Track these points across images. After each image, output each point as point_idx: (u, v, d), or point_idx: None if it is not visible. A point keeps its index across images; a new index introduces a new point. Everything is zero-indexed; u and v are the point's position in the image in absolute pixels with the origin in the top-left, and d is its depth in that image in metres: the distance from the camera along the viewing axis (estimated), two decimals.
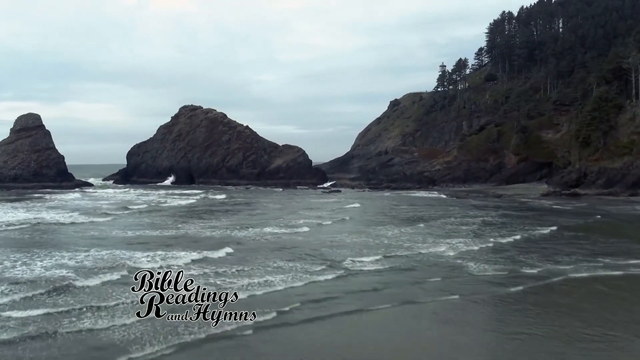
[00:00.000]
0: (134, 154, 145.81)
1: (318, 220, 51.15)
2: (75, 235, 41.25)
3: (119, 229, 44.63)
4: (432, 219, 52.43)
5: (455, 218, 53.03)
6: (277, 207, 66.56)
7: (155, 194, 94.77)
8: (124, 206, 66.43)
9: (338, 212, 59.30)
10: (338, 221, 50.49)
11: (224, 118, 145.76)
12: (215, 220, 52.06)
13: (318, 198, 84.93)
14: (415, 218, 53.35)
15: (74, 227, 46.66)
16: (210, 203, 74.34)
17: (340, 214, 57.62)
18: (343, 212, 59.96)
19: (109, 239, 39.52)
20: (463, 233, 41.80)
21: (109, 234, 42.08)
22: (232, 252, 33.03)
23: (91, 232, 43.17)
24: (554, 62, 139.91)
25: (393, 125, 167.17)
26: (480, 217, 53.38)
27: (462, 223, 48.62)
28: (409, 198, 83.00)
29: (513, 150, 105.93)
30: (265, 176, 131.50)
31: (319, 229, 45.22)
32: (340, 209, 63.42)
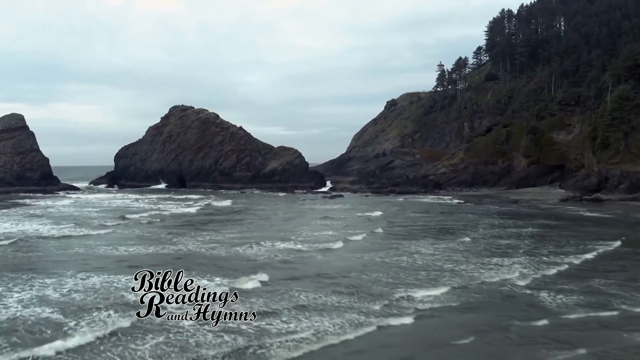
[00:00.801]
0: (122, 156, 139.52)
1: (342, 232, 45.50)
2: (62, 254, 35.32)
3: (114, 245, 38.66)
4: (459, 230, 47.01)
5: (485, 229, 47.68)
6: (288, 217, 60.54)
7: (149, 199, 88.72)
8: (120, 215, 60.23)
9: (358, 223, 53.66)
10: (367, 234, 44.38)
11: (217, 118, 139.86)
12: (226, 232, 46.15)
13: (323, 204, 79.33)
14: (442, 230, 47.82)
15: (61, 242, 40.56)
16: (213, 211, 68.10)
17: (362, 224, 51.76)
18: (363, 222, 54.17)
19: (103, 258, 33.62)
20: (510, 251, 36.24)
21: (102, 251, 36.21)
22: (266, 280, 27.08)
23: (81, 248, 37.26)
24: (558, 61, 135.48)
25: (390, 126, 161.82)
26: (514, 228, 47.95)
27: (498, 236, 43.16)
28: (420, 204, 77.59)
29: (523, 152, 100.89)
30: (260, 179, 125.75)
31: (349, 245, 39.28)
32: (360, 219, 57.81)
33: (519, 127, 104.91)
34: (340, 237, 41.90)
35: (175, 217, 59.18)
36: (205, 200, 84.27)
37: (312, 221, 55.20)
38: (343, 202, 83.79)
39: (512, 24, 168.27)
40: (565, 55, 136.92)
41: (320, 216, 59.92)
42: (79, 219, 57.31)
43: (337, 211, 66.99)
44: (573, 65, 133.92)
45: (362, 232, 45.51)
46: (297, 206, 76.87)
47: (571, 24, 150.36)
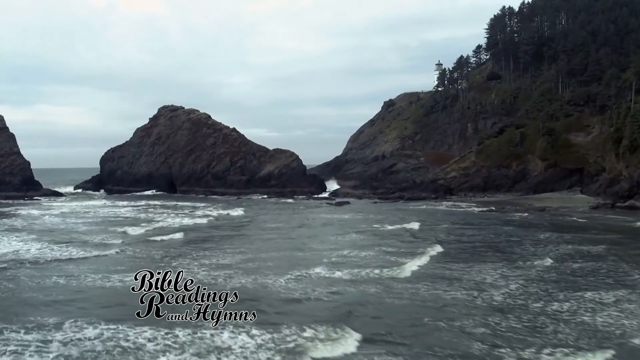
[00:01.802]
0: (108, 159, 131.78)
1: (381, 251, 38.60)
2: (45, 288, 28.20)
3: (108, 273, 31.60)
4: (519, 248, 40.11)
5: (535, 246, 41.07)
6: (303, 231, 53.26)
7: (139, 207, 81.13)
8: (111, 229, 52.98)
9: (393, 238, 46.64)
10: (426, 257, 36.59)
11: (208, 119, 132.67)
12: (237, 251, 38.96)
13: (331, 212, 72.35)
14: (499, 248, 40.66)
15: (45, 269, 33.35)
16: (214, 223, 60.67)
17: (403, 242, 44.09)
18: (401, 238, 46.97)
19: (98, 297, 26.57)
20: (601, 278, 29.60)
21: (95, 283, 29.16)
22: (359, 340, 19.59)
23: (69, 279, 30.10)
24: (565, 59, 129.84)
25: (389, 127, 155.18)
26: (579, 245, 41.14)
27: (572, 256, 36.22)
28: (440, 213, 70.95)
29: (540, 155, 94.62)
30: (256, 183, 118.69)
31: (409, 271, 31.83)
32: (391, 232, 50.95)
33: (533, 128, 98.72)
34: (386, 260, 34.94)
35: (174, 231, 51.94)
36: (201, 210, 77.05)
37: (332, 235, 48.32)
38: (352, 209, 76.96)
39: (512, 21, 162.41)
40: (572, 53, 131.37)
41: (339, 229, 53.11)
42: (66, 234, 50.08)
43: (353, 221, 60.16)
44: (581, 63, 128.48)
45: (416, 252, 38.18)
46: (303, 215, 69.89)
47: (576, 21, 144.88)
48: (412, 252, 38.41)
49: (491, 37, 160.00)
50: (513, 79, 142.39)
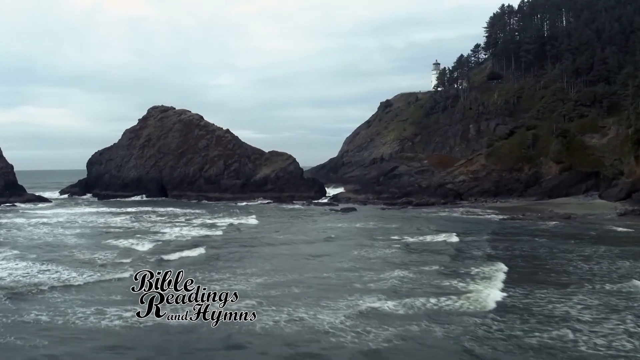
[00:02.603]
0: (96, 162, 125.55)
1: (444, 273, 33.05)
2: (20, 327, 22.65)
3: (103, 306, 26.04)
4: (576, 269, 34.69)
5: (599, 263, 35.88)
6: (321, 247, 47.45)
7: (131, 214, 75.15)
8: (104, 242, 47.17)
9: (437, 254, 41.06)
10: (502, 281, 30.27)
11: (200, 120, 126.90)
12: (253, 274, 33.26)
13: (339, 220, 66.81)
14: (553, 265, 35.53)
15: (29, 301, 27.67)
16: (235, 235, 54.27)
17: (455, 260, 38.03)
18: (443, 253, 41.29)
19: (97, 350, 21.02)
20: None
21: (89, 323, 23.62)
22: None
23: (57, 317, 24.54)
24: (570, 59, 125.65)
25: (387, 128, 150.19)
26: (635, 261, 36.29)
27: None
28: (458, 220, 65.84)
29: (554, 157, 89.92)
30: (251, 188, 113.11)
31: (506, 303, 25.77)
32: (431, 248, 45.32)
33: (545, 130, 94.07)
34: (445, 286, 29.22)
35: (190, 245, 46.11)
36: (202, 217, 71.32)
37: (355, 249, 42.87)
38: (360, 217, 71.53)
39: (512, 20, 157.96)
40: (577, 52, 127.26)
41: (358, 241, 47.74)
42: (54, 249, 44.34)
43: (368, 232, 54.78)
44: (587, 62, 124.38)
45: (478, 274, 32.40)
46: (312, 224, 64.36)
47: (580, 19, 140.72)
48: (471, 272, 32.96)
49: (491, 36, 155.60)
50: (515, 79, 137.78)
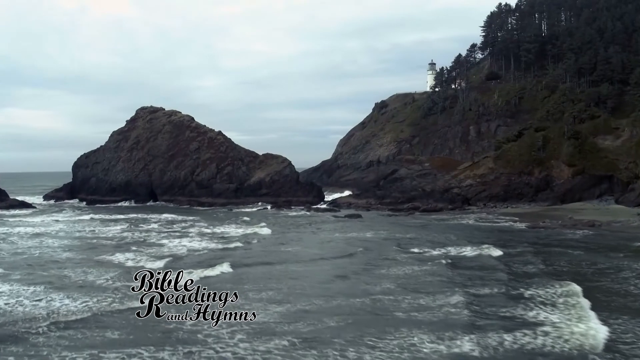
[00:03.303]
0: (82, 165, 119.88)
1: (514, 296, 28.39)
2: None
3: (105, 348, 21.12)
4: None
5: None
6: (347, 268, 41.78)
7: (123, 222, 69.58)
8: (99, 257, 41.85)
9: (482, 272, 36.45)
10: (598, 315, 24.76)
11: (191, 122, 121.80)
12: (271, 301, 28.40)
13: (351, 229, 61.72)
14: (619, 287, 31.33)
15: (2, 343, 22.64)
16: (251, 247, 49.00)
17: (514, 280, 33.55)
18: (488, 271, 36.70)
19: None
20: None
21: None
22: None
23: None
24: (573, 58, 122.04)
25: (383, 130, 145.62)
26: None
27: None
28: (476, 229, 61.28)
29: (566, 160, 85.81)
30: (245, 192, 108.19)
31: (617, 345, 20.86)
32: (466, 264, 40.44)
33: (557, 132, 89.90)
34: (524, 319, 24.41)
35: (208, 261, 40.96)
36: (195, 226, 66.18)
37: (380, 265, 38.09)
38: (368, 225, 66.68)
39: (510, 19, 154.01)
40: (580, 51, 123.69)
41: (376, 255, 43.00)
42: (43, 266, 39.17)
43: (383, 243, 49.99)
44: (590, 62, 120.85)
45: (554, 300, 27.74)
46: (321, 234, 59.52)
47: (580, 18, 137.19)
48: (540, 295, 28.36)
49: (488, 35, 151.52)
50: (515, 79, 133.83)
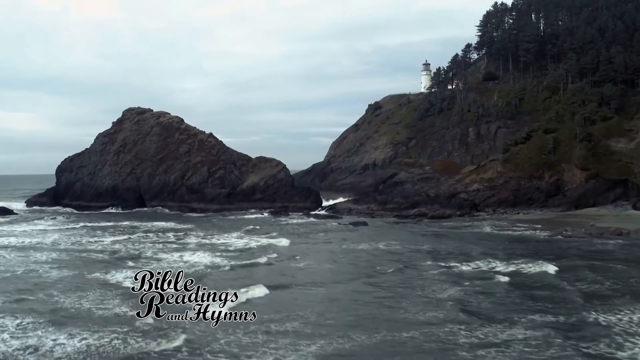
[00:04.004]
0: (66, 169, 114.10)
1: None
2: None
3: None
4: None
5: None
6: (413, 303, 35.67)
7: (116, 230, 64.14)
8: (97, 278, 36.75)
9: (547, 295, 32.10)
10: None
11: (181, 123, 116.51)
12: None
13: (361, 239, 56.86)
14: None
15: None
16: (278, 262, 44.23)
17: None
18: (558, 295, 32.25)
19: None
20: None
21: None
22: None
23: None
24: (575, 58, 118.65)
25: (378, 132, 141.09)
26: None
27: None
28: (499, 238, 56.96)
29: (579, 164, 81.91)
30: (238, 197, 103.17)
31: None
32: (523, 282, 36.20)
33: (567, 133, 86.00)
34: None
35: (238, 279, 36.11)
36: (190, 236, 61.12)
37: (412, 285, 33.50)
38: (377, 234, 62.06)
39: (507, 18, 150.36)
40: (582, 51, 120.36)
41: (400, 272, 38.38)
42: (29, 290, 34.00)
43: (402, 256, 45.43)
44: (592, 62, 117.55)
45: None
46: (332, 246, 54.88)
47: (580, 17, 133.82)
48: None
49: (484, 35, 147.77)
50: (514, 79, 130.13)
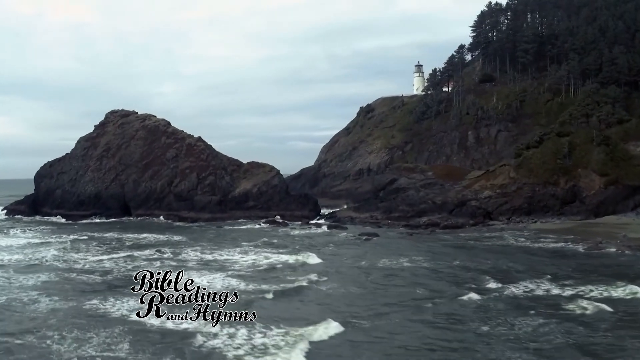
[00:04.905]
0: (45, 175, 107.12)
1: None
2: None
3: None
4: None
5: None
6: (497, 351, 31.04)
7: (106, 244, 57.60)
8: (112, 328, 30.34)
9: None
10: None
11: (168, 127, 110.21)
12: None
13: (378, 254, 51.20)
14: None
15: None
16: (331, 286, 37.73)
17: None
18: None
19: None
20: None
21: None
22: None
23: None
24: (577, 59, 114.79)
25: (371, 136, 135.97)
26: None
27: None
28: (533, 253, 51.77)
29: (597, 169, 77.31)
30: (230, 205, 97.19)
31: None
32: None
33: (583, 137, 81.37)
34: None
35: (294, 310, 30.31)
36: (186, 250, 54.83)
37: (479, 325, 28.07)
38: (397, 249, 56.39)
39: (502, 18, 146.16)
40: (584, 52, 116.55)
41: (461, 301, 32.93)
42: (14, 327, 27.96)
43: (443, 276, 39.92)
44: (595, 63, 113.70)
45: None
46: (355, 262, 49.27)
47: (580, 17, 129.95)
48: None
49: (479, 36, 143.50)
50: (511, 81, 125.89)
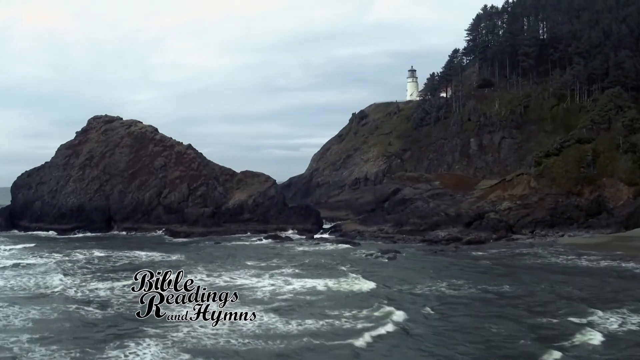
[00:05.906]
0: (23, 186, 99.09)
1: None
2: None
3: None
4: None
5: None
6: None
7: (100, 264, 49.79)
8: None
9: None
10: None
11: (155, 134, 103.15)
12: None
13: (419, 279, 45.28)
14: None
15: None
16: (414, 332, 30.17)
17: None
18: None
19: None
20: None
21: None
22: None
23: None
24: (582, 63, 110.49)
25: (366, 143, 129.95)
26: None
27: None
28: (588, 273, 46.06)
29: (625, 178, 72.35)
30: (224, 218, 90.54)
31: None
32: None
33: (607, 144, 76.40)
34: None
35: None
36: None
37: None
38: (431, 271, 50.75)
39: (499, 22, 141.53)
40: (589, 56, 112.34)
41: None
42: None
43: (521, 310, 34.01)
44: (601, 67, 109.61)
45: None
46: (405, 289, 43.01)
47: (581, 20, 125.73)
48: None
49: (476, 39, 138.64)
50: (512, 86, 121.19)
